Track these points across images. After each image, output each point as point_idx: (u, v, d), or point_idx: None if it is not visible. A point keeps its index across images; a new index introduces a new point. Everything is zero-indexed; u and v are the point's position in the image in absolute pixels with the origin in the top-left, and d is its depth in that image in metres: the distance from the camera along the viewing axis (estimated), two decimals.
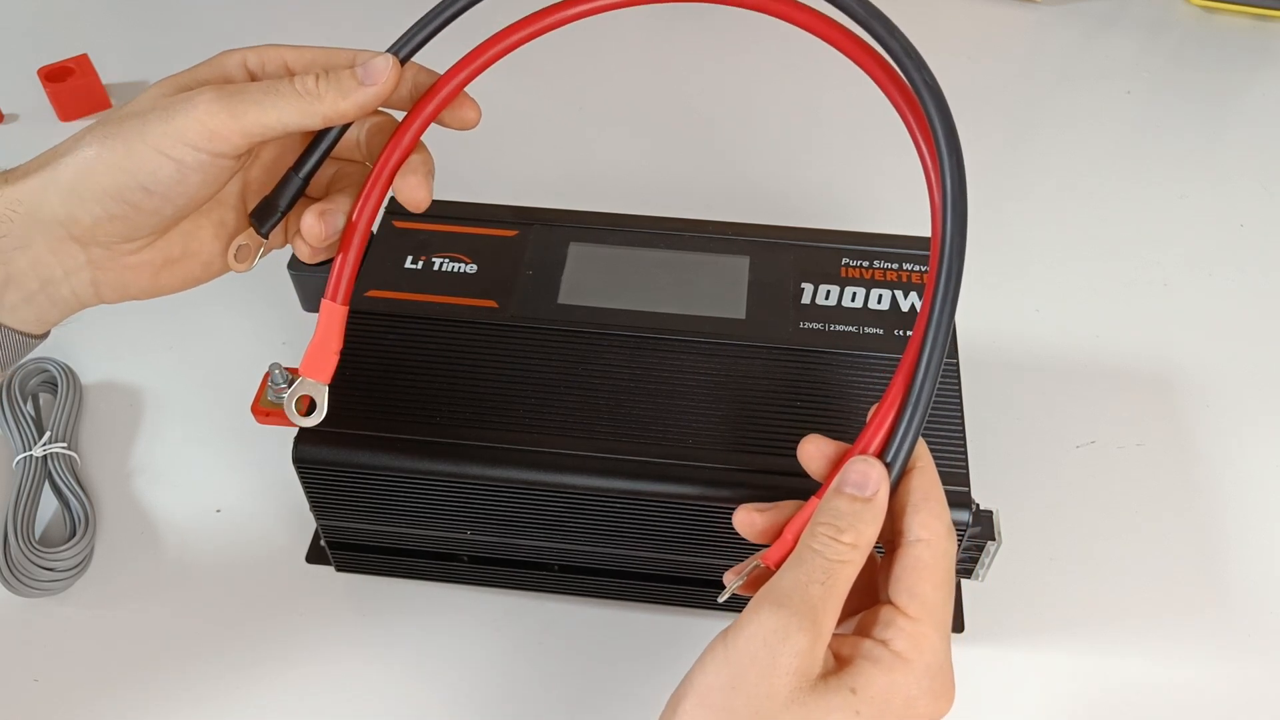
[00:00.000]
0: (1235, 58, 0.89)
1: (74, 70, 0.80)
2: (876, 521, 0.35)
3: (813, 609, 0.33)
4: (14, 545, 0.52)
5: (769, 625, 0.33)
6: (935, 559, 0.35)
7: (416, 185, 0.41)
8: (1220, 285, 0.70)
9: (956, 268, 0.36)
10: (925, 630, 0.34)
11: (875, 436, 0.37)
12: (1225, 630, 0.53)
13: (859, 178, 0.77)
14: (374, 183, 0.41)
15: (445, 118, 0.42)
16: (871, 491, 0.35)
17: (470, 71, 0.42)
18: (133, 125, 0.38)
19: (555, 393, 0.49)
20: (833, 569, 0.34)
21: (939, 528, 0.35)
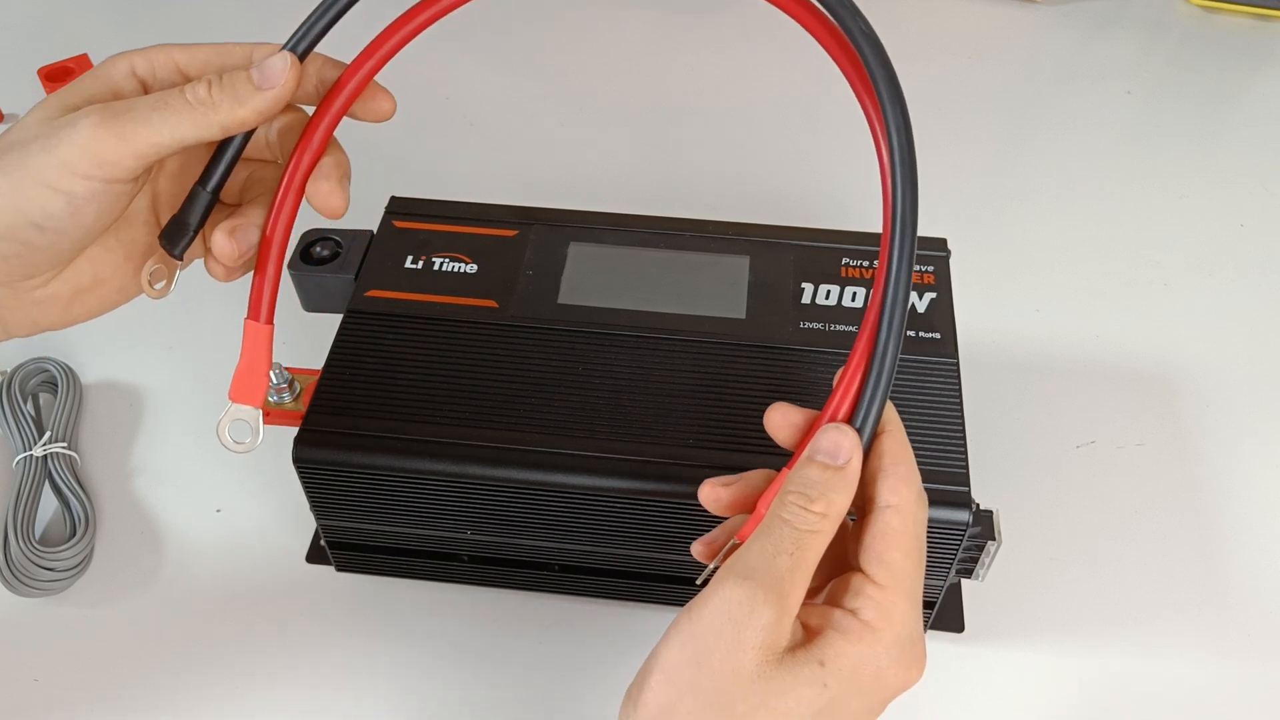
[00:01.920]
0: (1235, 58, 0.89)
1: (74, 70, 0.80)
2: (848, 490, 0.34)
3: (779, 580, 0.32)
4: (14, 545, 0.52)
5: (734, 598, 0.32)
6: (905, 525, 0.34)
7: (329, 191, 0.38)
8: (1220, 285, 0.70)
9: (910, 224, 0.35)
10: (894, 599, 0.34)
11: (843, 403, 0.36)
12: (1225, 630, 0.53)
13: (859, 178, 0.77)
14: (285, 192, 0.38)
15: (358, 111, 0.39)
16: (844, 459, 0.34)
17: (377, 60, 0.39)
18: (13, 158, 0.35)
19: (555, 393, 0.49)
20: (802, 539, 0.33)
21: (908, 493, 0.34)
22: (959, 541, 0.46)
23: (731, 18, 0.92)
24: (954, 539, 0.46)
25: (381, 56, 0.39)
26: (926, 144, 0.85)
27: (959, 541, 0.46)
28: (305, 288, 0.57)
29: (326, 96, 0.38)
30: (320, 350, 0.51)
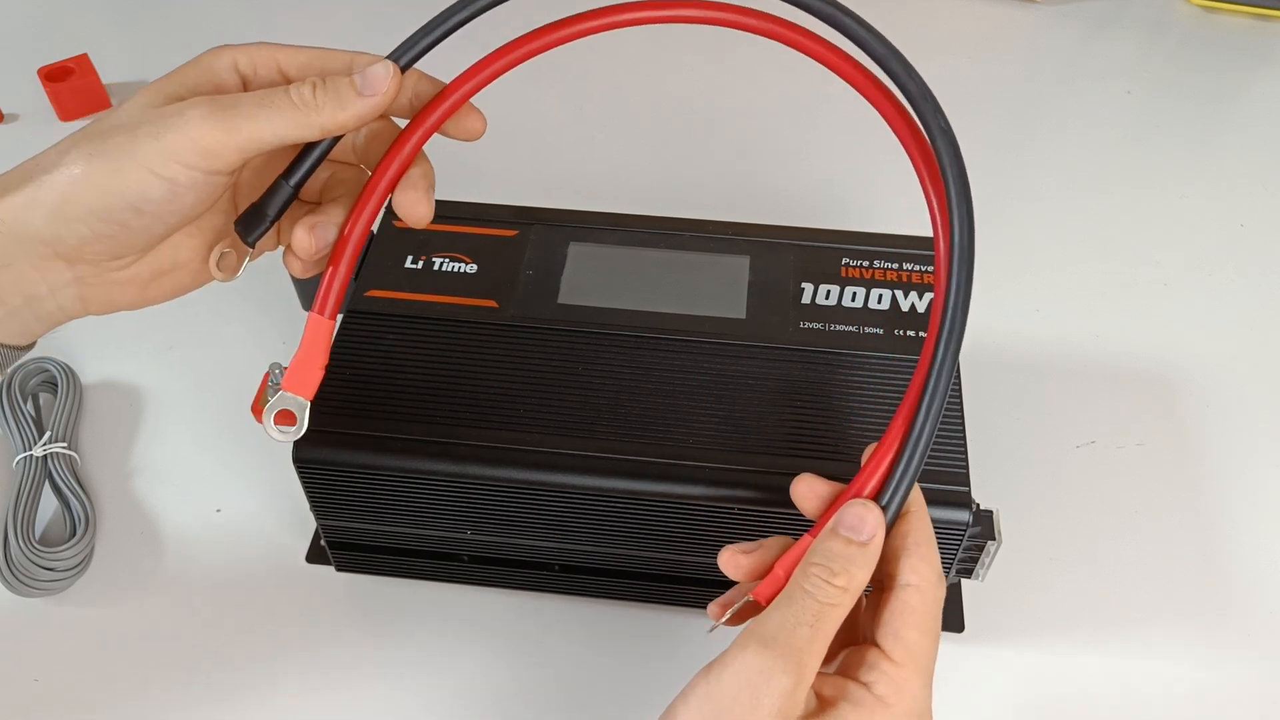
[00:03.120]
0: (1235, 58, 0.89)
1: (74, 70, 0.80)
2: (869, 566, 0.35)
3: (798, 651, 0.33)
4: (14, 545, 0.52)
5: (754, 665, 0.33)
6: (924, 604, 0.35)
7: (417, 200, 0.40)
8: (1220, 285, 0.70)
9: (961, 318, 0.35)
10: (908, 675, 0.35)
11: (871, 478, 0.36)
12: (1225, 630, 0.53)
13: (859, 178, 0.77)
14: (369, 195, 0.40)
15: (449, 128, 0.41)
16: (868, 536, 0.35)
17: (477, 82, 0.40)
18: (120, 142, 0.36)
19: (555, 393, 0.49)
20: (822, 611, 0.34)
21: (929, 574, 0.35)
22: (959, 541, 0.46)
23: None
24: (954, 539, 0.46)
25: (483, 79, 0.40)
26: None
27: (959, 541, 0.46)
28: (305, 288, 0.57)
29: (424, 109, 0.40)
30: None
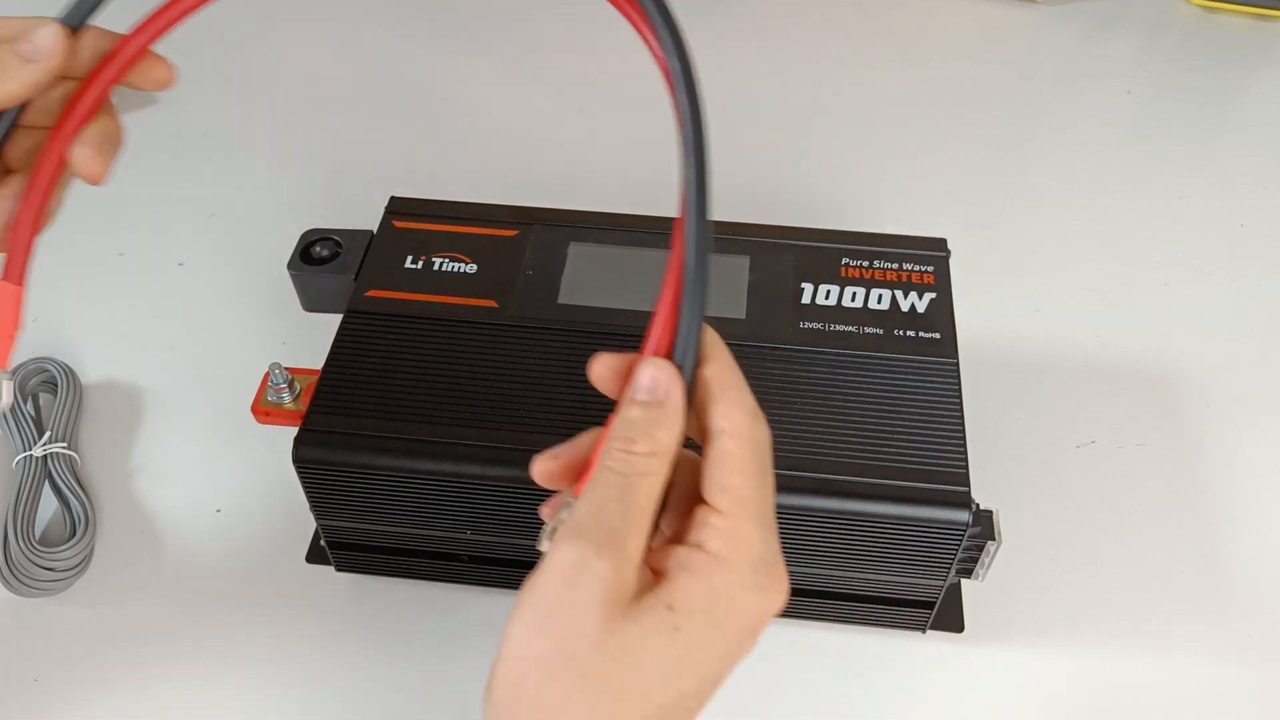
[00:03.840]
0: (1235, 58, 0.89)
1: None
2: (673, 425, 0.33)
3: (611, 531, 0.30)
4: (14, 545, 0.52)
5: (567, 558, 0.30)
6: (741, 448, 0.32)
7: (89, 158, 0.38)
8: (1221, 285, 0.70)
9: (697, 134, 0.35)
10: (739, 523, 0.32)
11: (662, 337, 0.34)
12: (1225, 630, 0.53)
13: (859, 178, 0.77)
14: (45, 157, 0.38)
15: (136, 80, 0.39)
16: (663, 393, 0.33)
17: (153, 31, 0.39)
18: None
19: (555, 393, 0.49)
20: (630, 483, 0.31)
21: (739, 415, 0.33)
22: (959, 541, 0.46)
23: (731, 18, 0.92)
24: (954, 539, 0.46)
25: (157, 28, 0.38)
26: (927, 144, 0.86)
27: (959, 541, 0.46)
28: (305, 288, 0.57)
29: (99, 65, 0.38)
30: (320, 350, 0.51)
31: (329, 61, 0.87)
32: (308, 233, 0.58)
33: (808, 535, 0.47)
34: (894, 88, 0.85)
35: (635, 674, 0.30)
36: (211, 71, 0.86)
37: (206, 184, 0.77)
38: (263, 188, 0.76)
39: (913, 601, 0.50)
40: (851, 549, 0.47)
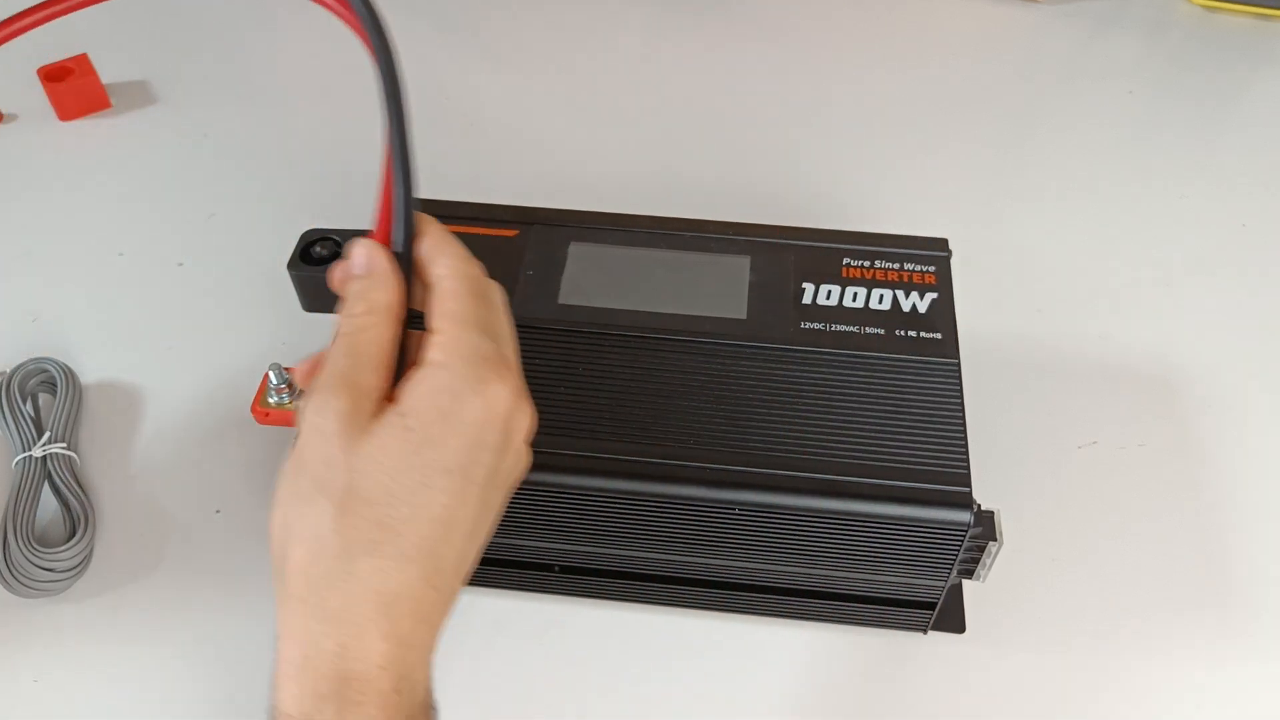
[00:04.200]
0: (1235, 58, 0.89)
1: (74, 70, 0.80)
2: (385, 286, 0.35)
3: (343, 374, 0.33)
4: (14, 545, 0.52)
5: (311, 408, 0.33)
6: (457, 281, 0.36)
7: None
8: (1221, 285, 0.70)
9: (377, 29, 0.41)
10: (458, 334, 0.34)
11: (380, 226, 0.37)
12: (1225, 630, 0.53)
13: (859, 178, 0.77)
14: None
15: None
16: (371, 265, 0.36)
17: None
18: None
19: (555, 393, 0.49)
20: (353, 337, 0.34)
21: (452, 261, 0.36)
22: (960, 542, 0.46)
23: (731, 18, 0.92)
24: (955, 539, 0.46)
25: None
26: (927, 144, 0.86)
27: (960, 542, 0.46)
28: (305, 288, 0.57)
29: None
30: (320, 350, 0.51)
31: (329, 61, 0.87)
32: (308, 233, 0.57)
33: (808, 535, 0.47)
34: (894, 88, 0.85)
35: (375, 477, 0.32)
36: (211, 71, 0.86)
37: (206, 184, 0.77)
38: (263, 188, 0.76)
39: (914, 602, 0.50)
40: (853, 549, 0.47)
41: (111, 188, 0.75)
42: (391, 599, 0.32)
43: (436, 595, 0.33)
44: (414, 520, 0.32)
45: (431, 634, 0.34)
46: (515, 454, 0.36)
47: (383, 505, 0.32)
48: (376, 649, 0.32)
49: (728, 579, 0.51)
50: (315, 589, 0.32)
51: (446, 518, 0.33)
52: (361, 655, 0.32)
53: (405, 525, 0.32)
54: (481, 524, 0.35)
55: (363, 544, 0.32)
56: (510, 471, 0.36)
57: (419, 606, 0.33)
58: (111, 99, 0.82)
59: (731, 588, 0.51)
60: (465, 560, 0.35)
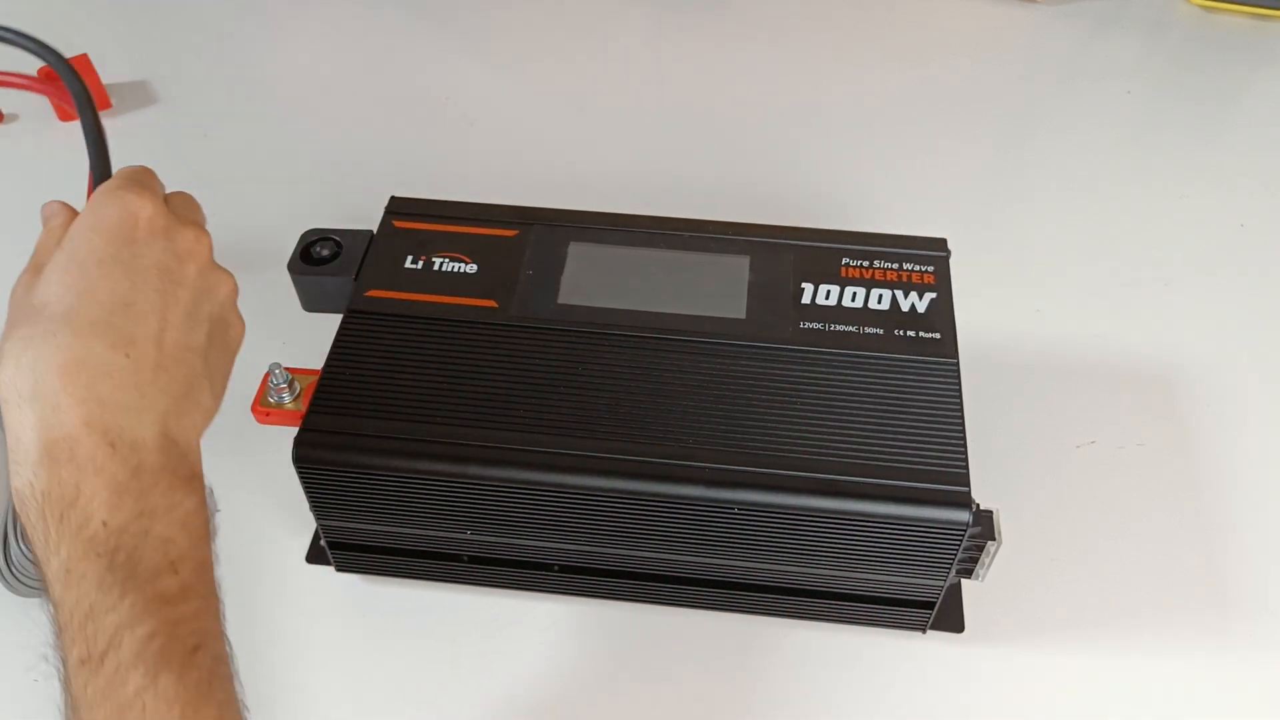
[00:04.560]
0: (1235, 58, 0.89)
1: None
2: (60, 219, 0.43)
3: (32, 258, 0.42)
4: (14, 545, 0.52)
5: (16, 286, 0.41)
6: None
7: None
8: (1221, 285, 0.70)
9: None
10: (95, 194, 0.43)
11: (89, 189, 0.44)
12: (1225, 630, 0.53)
13: (859, 178, 0.77)
14: None
15: None
16: (51, 212, 0.44)
17: None
18: None
19: (555, 393, 0.49)
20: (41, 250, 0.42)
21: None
22: (959, 542, 0.46)
23: (731, 17, 0.92)
24: (954, 539, 0.46)
25: None
26: (926, 144, 0.86)
27: (959, 542, 0.46)
28: (305, 288, 0.57)
29: None
30: (320, 350, 0.51)
31: (329, 61, 0.87)
32: (308, 233, 0.58)
33: (808, 535, 0.47)
34: (894, 88, 0.85)
35: (47, 292, 0.39)
36: (211, 71, 0.86)
37: (206, 184, 0.76)
38: (263, 188, 0.76)
39: (913, 601, 0.50)
40: (852, 549, 0.47)
41: None
42: (75, 367, 0.37)
43: (130, 361, 0.38)
44: (81, 305, 0.38)
45: (141, 396, 0.38)
46: (183, 257, 0.42)
47: (54, 305, 0.38)
48: (73, 412, 0.37)
49: (728, 579, 0.51)
50: (14, 388, 0.37)
51: (117, 297, 0.39)
52: (58, 421, 0.37)
53: (75, 311, 0.38)
54: (175, 306, 0.41)
55: (41, 336, 0.37)
56: (182, 268, 0.42)
57: (111, 370, 0.38)
58: (112, 99, 0.82)
59: (732, 587, 0.51)
60: (174, 334, 0.40)
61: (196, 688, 0.36)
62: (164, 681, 0.36)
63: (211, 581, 0.40)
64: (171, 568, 0.38)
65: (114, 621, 0.36)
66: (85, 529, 0.36)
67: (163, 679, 0.36)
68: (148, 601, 0.36)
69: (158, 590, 0.37)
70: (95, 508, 0.36)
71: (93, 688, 0.35)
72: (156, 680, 0.36)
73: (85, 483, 0.37)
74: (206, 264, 0.44)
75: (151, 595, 0.37)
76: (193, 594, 0.38)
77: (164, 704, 0.36)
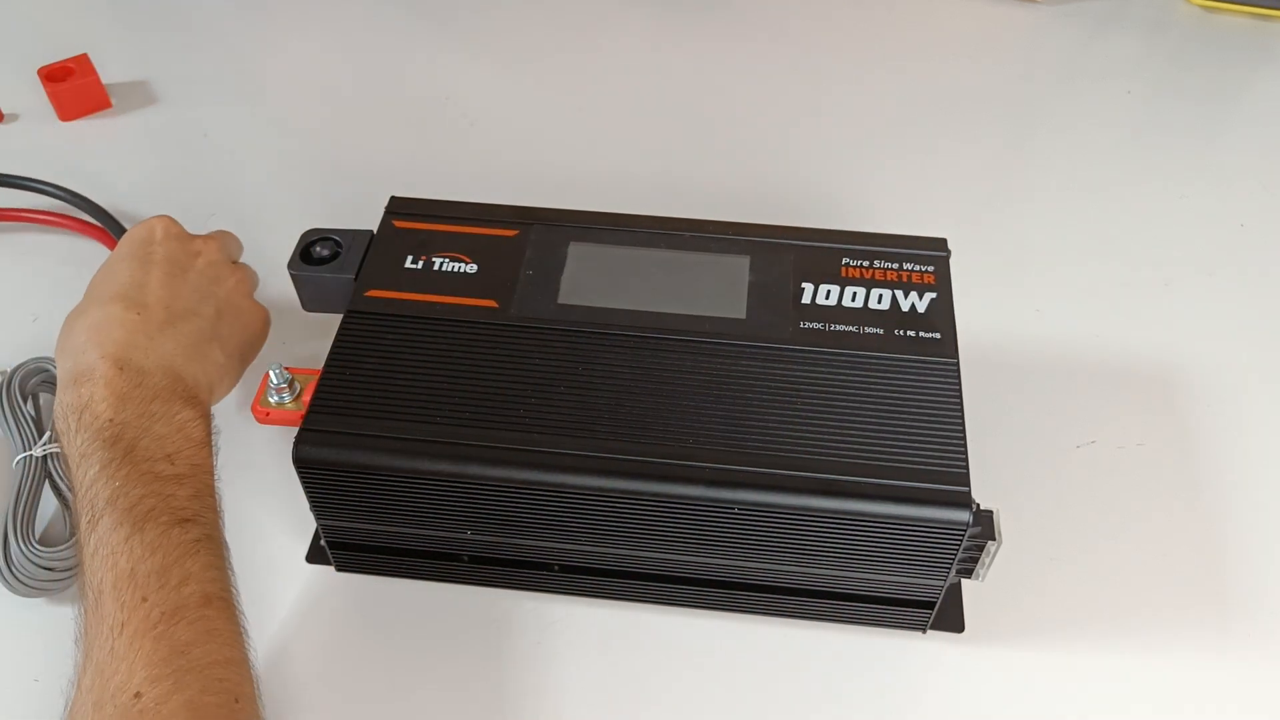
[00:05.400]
0: (1235, 58, 0.89)
1: (74, 70, 0.80)
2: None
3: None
4: (14, 545, 0.52)
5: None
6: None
7: None
8: (1221, 285, 0.70)
9: None
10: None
11: None
12: (1225, 630, 0.53)
13: (859, 178, 0.77)
14: None
15: None
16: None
17: None
18: None
19: (555, 393, 0.49)
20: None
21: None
22: (959, 541, 0.46)
23: (731, 18, 0.92)
24: (954, 539, 0.46)
25: None
26: (926, 144, 0.86)
27: (959, 541, 0.46)
28: (305, 288, 0.57)
29: None
30: (320, 350, 0.51)
31: (329, 61, 0.87)
32: (308, 233, 0.58)
33: (808, 535, 0.47)
34: (894, 88, 0.85)
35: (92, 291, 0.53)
36: (212, 72, 0.86)
37: (206, 184, 0.77)
38: (263, 188, 0.76)
39: (913, 601, 0.50)
40: (852, 549, 0.47)
41: (111, 188, 0.75)
42: (97, 324, 0.49)
43: (140, 318, 0.50)
44: (105, 286, 0.52)
45: (149, 340, 0.49)
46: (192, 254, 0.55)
47: (90, 292, 0.52)
48: (94, 351, 0.48)
49: (728, 579, 0.51)
50: (62, 351, 0.50)
51: (134, 279, 0.52)
52: (85, 362, 0.48)
53: (100, 290, 0.52)
54: (182, 286, 0.52)
55: (78, 313, 0.51)
56: (191, 261, 0.54)
57: (125, 323, 0.49)
58: (111, 99, 0.82)
59: (731, 587, 0.51)
60: (180, 304, 0.52)
61: (180, 545, 0.43)
62: (151, 532, 0.43)
63: (210, 484, 0.47)
64: (168, 459, 0.46)
65: (112, 487, 0.43)
66: (95, 423, 0.45)
67: (150, 530, 0.43)
68: (142, 475, 0.44)
69: (153, 469, 0.45)
70: (103, 409, 0.46)
71: (93, 542, 0.43)
72: (144, 530, 0.43)
73: (97, 392, 0.46)
74: (215, 260, 0.55)
75: (145, 471, 0.45)
76: (189, 483, 0.46)
77: (147, 550, 0.42)
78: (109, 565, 0.42)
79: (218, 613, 0.43)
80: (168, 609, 0.41)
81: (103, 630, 0.41)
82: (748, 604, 0.52)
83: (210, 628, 0.42)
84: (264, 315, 0.57)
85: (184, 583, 0.42)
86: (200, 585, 0.43)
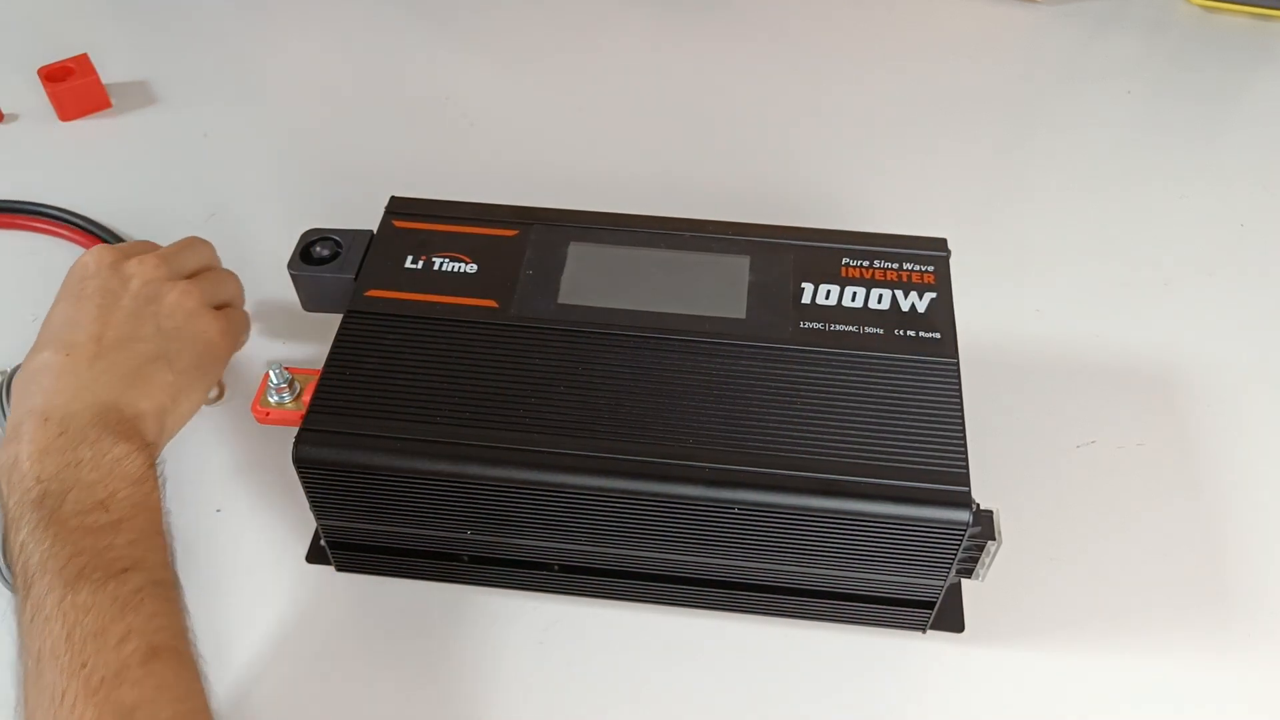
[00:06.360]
0: (1235, 58, 0.89)
1: (74, 70, 0.80)
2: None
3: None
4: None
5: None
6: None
7: None
8: (1221, 285, 0.70)
9: None
10: None
11: None
12: (1225, 630, 0.53)
13: (859, 178, 0.77)
14: None
15: None
16: None
17: None
18: None
19: (555, 393, 0.49)
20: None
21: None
22: (959, 541, 0.46)
23: (731, 18, 0.92)
24: (954, 539, 0.46)
25: None
26: (926, 144, 0.86)
27: (959, 541, 0.46)
28: (305, 288, 0.57)
29: None
30: (320, 350, 0.51)
31: (329, 61, 0.87)
32: (308, 233, 0.58)
33: (808, 535, 0.47)
34: (894, 88, 0.85)
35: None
36: (212, 71, 0.86)
37: (206, 184, 0.77)
38: (263, 188, 0.76)
39: (913, 601, 0.50)
40: (852, 549, 0.47)
41: (111, 188, 0.75)
42: (30, 375, 0.49)
43: (69, 360, 0.49)
44: (42, 333, 0.51)
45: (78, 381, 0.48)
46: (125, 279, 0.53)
47: (37, 340, 0.51)
48: (23, 406, 0.47)
49: (728, 579, 0.51)
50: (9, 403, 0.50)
51: (65, 318, 0.51)
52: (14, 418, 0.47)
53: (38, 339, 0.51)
54: (115, 313, 0.51)
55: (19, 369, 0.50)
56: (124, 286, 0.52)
57: (52, 368, 0.48)
58: (111, 99, 0.82)
59: (732, 587, 0.51)
60: (114, 333, 0.50)
61: (116, 600, 0.41)
62: (84, 592, 0.41)
63: (155, 521, 0.46)
64: (101, 506, 0.44)
65: (41, 549, 0.42)
66: (22, 483, 0.44)
67: (83, 591, 0.41)
68: (70, 532, 0.43)
69: (83, 523, 0.43)
70: (28, 467, 0.45)
71: (29, 608, 0.41)
72: (77, 591, 0.41)
73: (22, 450, 0.45)
74: (151, 279, 0.53)
75: (75, 527, 0.43)
76: (127, 528, 0.44)
77: (81, 612, 0.41)
78: (45, 632, 0.40)
79: (165, 665, 0.41)
80: (109, 672, 0.39)
81: (43, 701, 0.39)
82: (748, 604, 0.52)
83: (159, 684, 0.40)
84: (219, 324, 0.54)
85: (124, 640, 0.40)
86: (144, 639, 0.41)
